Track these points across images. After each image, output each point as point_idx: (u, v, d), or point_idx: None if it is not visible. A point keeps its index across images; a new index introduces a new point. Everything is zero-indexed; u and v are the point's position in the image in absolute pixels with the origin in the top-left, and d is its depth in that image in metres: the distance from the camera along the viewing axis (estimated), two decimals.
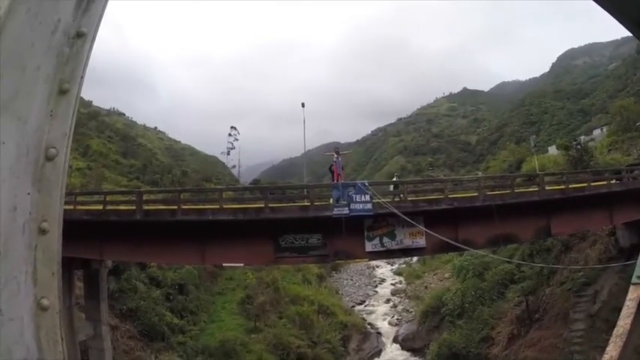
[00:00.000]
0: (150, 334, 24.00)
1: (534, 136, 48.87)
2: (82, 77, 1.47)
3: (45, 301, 1.20)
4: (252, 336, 27.73)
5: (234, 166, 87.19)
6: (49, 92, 1.37)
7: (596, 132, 58.49)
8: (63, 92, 1.39)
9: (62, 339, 1.21)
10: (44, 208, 1.25)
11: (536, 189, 18.56)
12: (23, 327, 1.17)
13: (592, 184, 19.63)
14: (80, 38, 1.43)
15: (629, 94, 65.13)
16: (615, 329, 2.28)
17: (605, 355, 2.17)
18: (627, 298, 2.37)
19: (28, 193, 1.24)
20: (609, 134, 45.03)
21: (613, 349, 2.18)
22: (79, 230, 16.50)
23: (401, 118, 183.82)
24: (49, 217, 1.25)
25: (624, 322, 2.24)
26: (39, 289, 1.20)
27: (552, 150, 52.14)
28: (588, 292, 21.93)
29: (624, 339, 2.16)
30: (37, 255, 1.22)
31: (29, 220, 1.22)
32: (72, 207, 17.25)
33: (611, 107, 54.41)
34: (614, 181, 20.56)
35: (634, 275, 2.32)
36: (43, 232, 1.23)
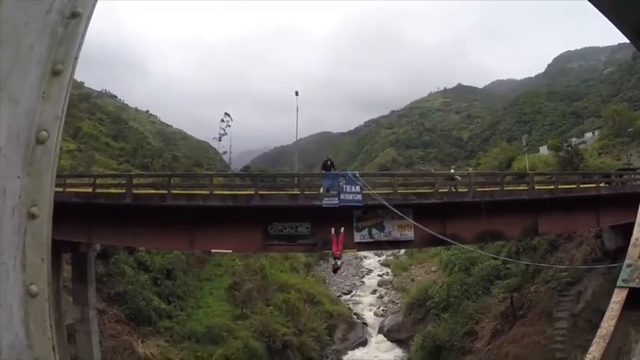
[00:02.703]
0: (137, 319, 23.99)
1: (526, 135, 49.26)
2: (76, 58, 1.43)
3: (34, 288, 1.18)
4: (239, 322, 27.85)
5: (225, 152, 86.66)
6: (42, 73, 1.34)
7: (588, 135, 58.98)
8: (56, 73, 1.36)
9: (51, 325, 1.20)
10: (34, 193, 1.22)
11: (526, 188, 18.76)
12: (12, 313, 1.15)
13: (581, 185, 19.89)
14: (75, 18, 1.39)
15: (622, 100, 65.66)
16: (599, 330, 2.31)
17: (587, 356, 2.20)
18: (612, 300, 2.40)
19: (18, 177, 1.22)
20: (600, 138, 45.49)
21: (596, 349, 2.22)
22: (68, 213, 16.32)
23: (394, 111, 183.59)
24: (39, 201, 1.22)
25: (608, 323, 2.28)
26: (28, 275, 1.18)
27: (543, 150, 52.54)
28: (572, 291, 22.29)
29: (607, 340, 2.19)
30: (27, 240, 1.19)
31: (19, 204, 1.20)
32: (61, 189, 17.07)
33: (604, 111, 54.93)
34: (603, 185, 20.80)
35: (619, 279, 2.35)
36: (32, 216, 1.21)
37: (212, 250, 27.67)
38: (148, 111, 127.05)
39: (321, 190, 15.69)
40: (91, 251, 19.73)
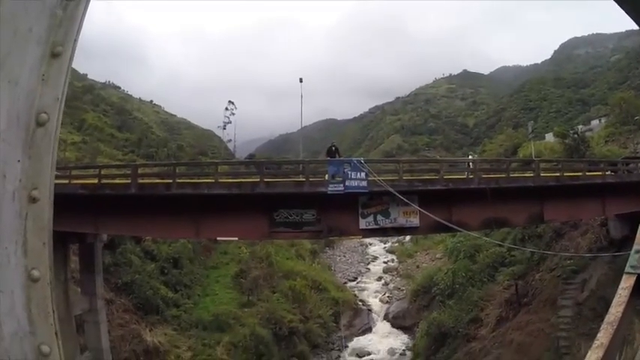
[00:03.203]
0: (144, 308, 24.25)
1: (532, 122, 48.87)
2: (76, 40, 1.41)
3: (36, 272, 1.16)
4: (245, 310, 28.11)
5: (229, 140, 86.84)
6: (41, 55, 1.32)
7: (594, 122, 58.30)
8: (55, 55, 1.33)
9: (53, 311, 1.18)
10: (35, 176, 1.20)
11: (531, 175, 18.61)
12: (14, 299, 1.14)
13: (587, 173, 19.70)
14: (74, 0, 1.36)
15: (629, 88, 64.71)
16: (607, 317, 2.28)
17: (595, 342, 2.17)
18: (620, 286, 2.37)
19: (18, 160, 1.19)
20: (607, 126, 45.02)
21: (604, 335, 2.18)
22: (75, 204, 16.44)
23: (399, 97, 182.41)
24: (40, 184, 1.20)
25: (616, 310, 2.24)
26: (29, 260, 1.16)
27: (549, 137, 52.12)
28: (577, 280, 22.24)
29: (615, 327, 2.16)
30: (28, 224, 1.18)
31: (19, 188, 1.18)
32: (67, 181, 17.16)
33: (610, 99, 54.25)
34: (609, 173, 20.61)
35: (627, 265, 2.31)
36: (33, 200, 1.18)
37: (218, 238, 27.83)
38: (152, 101, 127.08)
39: (327, 176, 15.67)
40: (98, 242, 19.89)
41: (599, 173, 20.16)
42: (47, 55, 1.32)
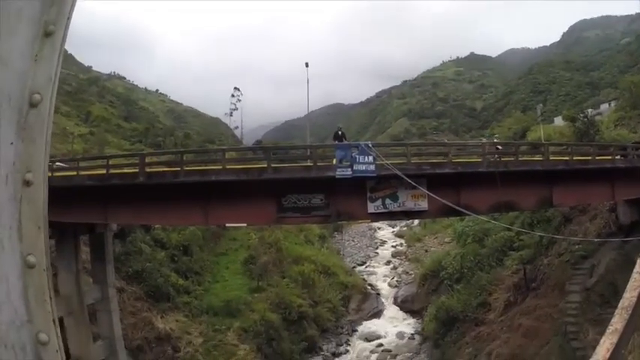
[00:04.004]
0: (155, 295, 24.55)
1: (541, 105, 48.08)
2: (69, 19, 1.35)
3: (31, 258, 1.12)
4: (255, 295, 28.39)
5: (236, 127, 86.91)
6: (34, 34, 1.27)
7: (604, 106, 57.27)
8: (48, 34, 1.28)
9: (51, 298, 1.14)
10: (28, 159, 1.15)
11: (541, 158, 18.35)
12: (9, 287, 1.10)
13: (597, 157, 19.37)
14: None
15: None
16: (621, 301, 2.22)
17: (609, 327, 2.11)
18: (634, 270, 2.30)
19: (11, 143, 1.15)
20: (617, 110, 44.15)
21: (618, 321, 2.12)
22: (84, 195, 16.59)
23: (406, 81, 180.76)
24: (34, 167, 1.16)
25: (630, 294, 2.18)
26: (25, 246, 1.12)
27: (558, 121, 51.42)
28: (585, 265, 22.05)
29: (629, 311, 2.10)
30: (22, 208, 1.13)
31: (13, 171, 1.13)
32: (75, 173, 17.25)
33: (620, 83, 53.12)
34: (618, 157, 20.27)
35: None
36: (27, 183, 1.14)
37: (227, 225, 28.07)
38: (157, 90, 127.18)
39: (334, 161, 15.59)
40: (108, 231, 20.03)
41: (609, 157, 19.77)
42: (40, 34, 1.28)
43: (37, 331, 1.11)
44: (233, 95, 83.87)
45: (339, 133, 19.48)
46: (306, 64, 27.73)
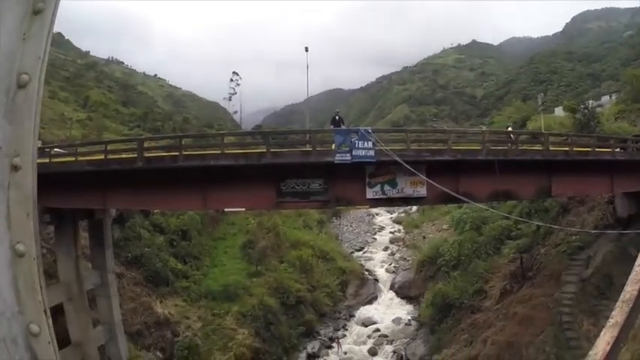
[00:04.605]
0: (155, 280, 24.64)
1: (542, 94, 47.68)
2: None
3: (21, 247, 1.07)
4: (254, 280, 28.54)
5: (235, 112, 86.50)
6: (23, 12, 1.20)
7: (605, 98, 56.97)
8: (37, 12, 1.21)
9: (41, 287, 1.10)
10: (16, 142, 1.09)
11: (540, 148, 18.27)
12: None
13: (596, 149, 19.36)
14: None
15: None
16: (622, 294, 2.19)
17: (610, 320, 2.08)
18: (636, 263, 2.26)
19: None
20: (618, 102, 43.91)
21: (619, 314, 2.09)
22: (82, 181, 16.52)
23: (407, 67, 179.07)
24: (22, 151, 1.10)
25: (632, 287, 2.14)
26: (14, 233, 1.07)
27: (559, 111, 51.06)
28: (582, 256, 22.15)
29: (630, 305, 2.07)
30: (10, 194, 1.07)
31: (0, 155, 1.08)
32: (74, 158, 17.14)
33: (622, 75, 52.73)
34: (618, 150, 20.22)
35: None
36: (15, 168, 1.08)
37: (225, 209, 28.06)
38: (156, 75, 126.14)
39: (334, 146, 15.52)
40: (107, 217, 19.99)
41: (609, 150, 19.73)
42: (29, 12, 1.21)
43: (28, 322, 1.06)
44: (232, 80, 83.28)
45: (337, 117, 19.39)
46: (306, 49, 27.44)
